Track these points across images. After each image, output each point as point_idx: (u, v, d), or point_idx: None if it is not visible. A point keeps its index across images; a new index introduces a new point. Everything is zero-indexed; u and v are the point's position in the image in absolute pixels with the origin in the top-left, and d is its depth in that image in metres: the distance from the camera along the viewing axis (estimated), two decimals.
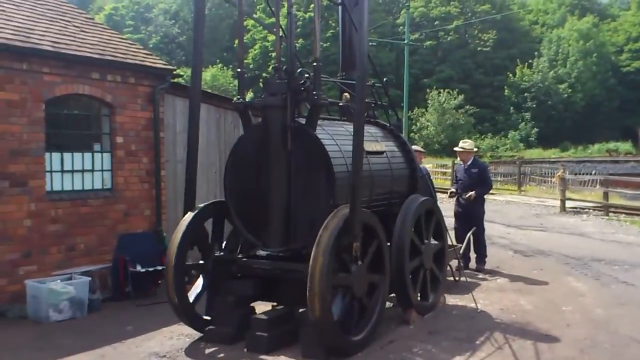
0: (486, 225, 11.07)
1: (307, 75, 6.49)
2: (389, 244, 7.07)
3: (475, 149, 11.40)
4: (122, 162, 9.50)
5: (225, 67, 57.53)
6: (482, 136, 54.31)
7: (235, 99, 6.99)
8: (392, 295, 7.38)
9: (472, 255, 10.60)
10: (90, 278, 8.26)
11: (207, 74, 57.34)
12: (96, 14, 79.13)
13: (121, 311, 8.26)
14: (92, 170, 9.23)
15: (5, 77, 7.95)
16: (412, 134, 52.04)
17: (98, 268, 8.87)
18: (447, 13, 64.16)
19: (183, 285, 6.70)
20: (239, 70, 7.04)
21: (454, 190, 10.73)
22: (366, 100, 8.13)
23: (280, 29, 6.89)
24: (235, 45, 61.30)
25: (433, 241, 8.03)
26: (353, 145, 6.25)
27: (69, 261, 8.67)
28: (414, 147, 11.20)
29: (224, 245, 7.11)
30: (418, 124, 54.05)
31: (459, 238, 10.30)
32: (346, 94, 7.92)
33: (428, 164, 36.44)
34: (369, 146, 7.21)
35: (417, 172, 8.17)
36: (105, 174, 9.39)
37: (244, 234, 6.84)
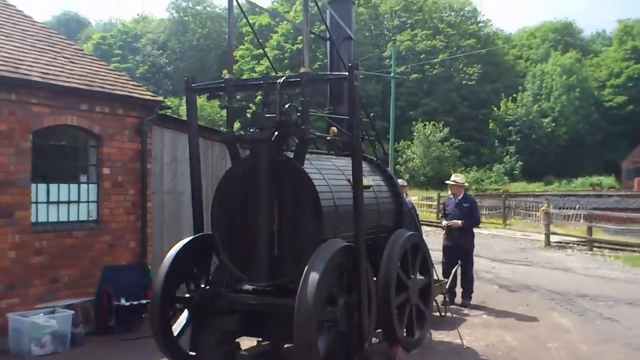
0: None
1: (296, 109, 6.53)
2: (375, 278, 7.06)
3: (467, 184, 11.50)
4: (108, 193, 9.46)
5: (211, 98, 57.65)
6: (467, 169, 54.69)
7: (224, 131, 7.01)
8: (378, 330, 7.35)
9: (458, 289, 10.60)
10: (73, 312, 8.17)
11: None
12: (84, 42, 79.49)
13: (104, 346, 8.16)
14: (78, 202, 9.18)
15: None
16: (398, 166, 52.31)
17: (81, 301, 8.78)
18: (433, 47, 65.04)
19: (168, 319, 6.63)
20: (227, 103, 7.08)
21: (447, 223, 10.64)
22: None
23: (270, 62, 6.95)
24: (222, 76, 61.46)
25: (419, 276, 8.03)
26: (353, 179, 6.37)
27: (53, 294, 8.57)
28: (398, 180, 11.31)
29: (210, 278, 7.05)
30: (404, 156, 54.37)
31: (446, 272, 10.32)
32: (333, 128, 7.97)
33: (414, 197, 36.63)
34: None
35: (403, 206, 8.21)
36: (91, 205, 9.34)
37: (230, 267, 6.79)
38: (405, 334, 7.58)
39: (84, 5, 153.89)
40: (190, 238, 7.05)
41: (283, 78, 6.51)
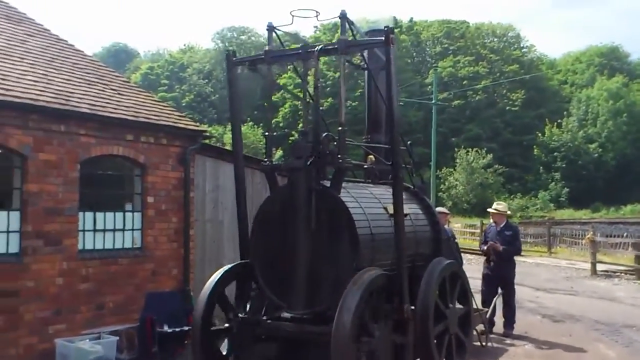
0: (515, 288, 10.97)
1: (333, 139, 6.65)
2: (412, 307, 7.06)
3: (509, 212, 11.41)
4: (152, 221, 9.71)
5: (255, 125, 58.43)
6: (512, 196, 53.83)
7: (262, 161, 7.16)
8: None
9: (499, 319, 10.47)
10: (117, 337, 8.36)
11: None
12: (133, 72, 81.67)
13: None
14: (123, 229, 9.44)
15: (44, 138, 8.29)
16: (440, 193, 51.87)
17: (126, 327, 8.98)
18: (476, 73, 64.71)
19: (209, 345, 6.74)
20: (266, 133, 7.25)
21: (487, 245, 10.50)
22: (389, 163, 8.33)
23: (308, 94, 7.09)
24: (265, 105, 62.26)
25: (458, 305, 7.99)
26: (394, 207, 6.46)
27: (98, 320, 8.82)
28: (438, 208, 11.26)
29: (248, 306, 7.16)
30: (446, 183, 53.91)
31: (486, 301, 10.21)
32: (371, 156, 8.07)
33: (456, 224, 36.28)
34: (390, 208, 7.29)
35: (440, 234, 8.20)
36: (135, 233, 9.60)
37: (268, 295, 6.89)
38: None
39: (132, 37, 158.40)
40: (230, 265, 7.19)
41: (320, 46, 6.61)
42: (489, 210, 11.23)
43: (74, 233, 8.64)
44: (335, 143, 6.64)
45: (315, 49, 6.63)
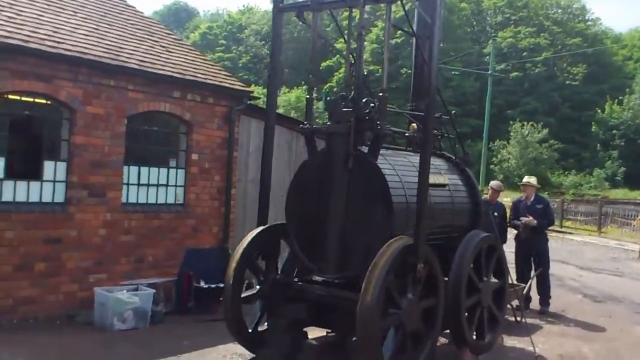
0: (559, 266, 10.84)
1: (372, 104, 6.57)
2: (446, 279, 7.02)
3: (539, 185, 11.23)
4: (195, 178, 9.86)
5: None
6: (566, 172, 52.60)
7: (302, 124, 7.14)
8: (447, 331, 7.31)
9: (534, 295, 10.33)
10: (154, 290, 8.57)
11: (292, 95, 58.33)
12: (192, 32, 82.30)
13: (182, 325, 8.51)
14: (167, 185, 9.62)
15: (93, 92, 8.46)
16: (492, 166, 51.02)
17: (164, 281, 9.21)
18: (537, 45, 62.79)
19: (240, 303, 6.85)
20: (307, 97, 7.22)
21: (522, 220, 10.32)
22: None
23: (351, 56, 6.99)
24: (320, 69, 62.17)
25: (493, 279, 7.90)
26: (419, 174, 6.30)
27: (138, 272, 9.06)
28: (492, 182, 11.09)
29: (281, 267, 7.24)
30: (499, 156, 52.93)
31: (520, 277, 10.08)
32: (414, 124, 7.97)
33: (506, 198, 35.64)
34: (431, 178, 7.19)
35: (480, 207, 8.07)
36: (178, 189, 9.76)
37: (300, 258, 6.94)
38: (475, 337, 7.49)
39: None
40: (265, 226, 7.25)
41: None
42: (520, 183, 11.00)
43: (118, 186, 8.85)
44: (374, 109, 6.56)
45: None
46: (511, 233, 10.72)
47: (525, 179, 10.87)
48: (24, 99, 8.03)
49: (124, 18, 10.19)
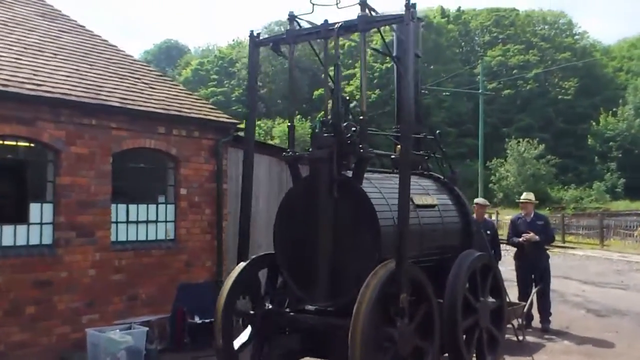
0: (561, 281, 10.73)
1: (354, 129, 6.53)
2: (441, 300, 6.90)
3: (537, 202, 11.18)
4: (185, 213, 9.78)
5: (303, 119, 58.53)
6: (565, 187, 52.54)
7: (285, 151, 7.09)
8: (445, 355, 7.16)
9: (536, 312, 10.18)
10: (147, 328, 8.43)
11: (284, 125, 58.48)
12: (184, 68, 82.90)
13: None
14: (156, 221, 9.53)
15: (76, 132, 8.42)
16: (491, 185, 51.03)
17: (158, 318, 9.06)
18: (526, 61, 63.28)
19: (230, 332, 6.73)
20: (289, 124, 7.18)
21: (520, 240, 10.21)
22: (419, 152, 8.17)
23: (329, 77, 6.95)
24: (313, 98, 62.53)
25: (490, 299, 7.78)
26: (399, 196, 6.22)
27: (131, 310, 8.92)
28: (477, 200, 11.04)
29: (272, 297, 7.12)
30: (497, 174, 52.94)
31: (522, 295, 9.95)
32: (399, 146, 7.92)
33: (507, 216, 35.46)
34: (419, 199, 7.14)
35: (471, 226, 7.98)
36: (168, 225, 9.67)
37: (291, 286, 6.84)
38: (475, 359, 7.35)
39: (183, 33, 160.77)
40: (256, 255, 7.17)
41: (340, 23, 6.48)
42: (520, 200, 10.90)
43: (106, 225, 8.76)
44: (356, 133, 6.51)
45: (336, 26, 6.48)
46: (510, 251, 10.62)
47: (524, 195, 10.81)
48: (6, 142, 7.98)
49: (105, 58, 10.20)
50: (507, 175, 52.42)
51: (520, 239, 10.10)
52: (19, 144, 8.14)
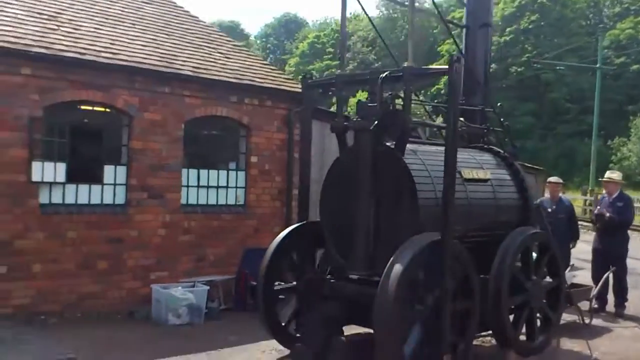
0: None
1: (397, 98, 6.47)
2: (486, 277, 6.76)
3: (624, 182, 10.48)
4: (255, 180, 10.09)
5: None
6: None
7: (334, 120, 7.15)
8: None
9: (611, 296, 9.69)
10: (208, 287, 8.83)
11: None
12: (301, 42, 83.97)
13: (235, 321, 8.72)
14: (227, 187, 9.89)
15: (149, 99, 8.88)
16: (611, 165, 48.27)
17: (223, 279, 9.45)
18: None
19: (272, 299, 6.95)
20: (339, 93, 7.22)
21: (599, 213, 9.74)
22: (477, 126, 7.95)
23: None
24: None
25: (547, 278, 7.52)
26: (445, 171, 6.13)
27: (198, 270, 9.37)
28: (550, 178, 10.57)
29: (317, 265, 7.26)
30: (619, 154, 49.88)
31: (595, 277, 9.49)
32: (461, 118, 7.77)
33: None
34: (468, 173, 6.98)
35: (529, 202, 7.69)
36: (239, 191, 10.02)
37: (333, 255, 6.94)
38: (526, 339, 7.16)
39: (302, 6, 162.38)
40: (300, 223, 7.32)
41: (386, 73, 6.47)
42: (603, 179, 10.30)
43: (177, 188, 9.21)
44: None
45: (381, 76, 6.42)
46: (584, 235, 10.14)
47: (607, 174, 10.22)
48: (83, 107, 8.55)
49: (184, 28, 10.62)
50: (629, 155, 49.27)
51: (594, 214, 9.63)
52: (95, 108, 8.68)
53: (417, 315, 5.94)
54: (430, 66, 7.69)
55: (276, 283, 7.07)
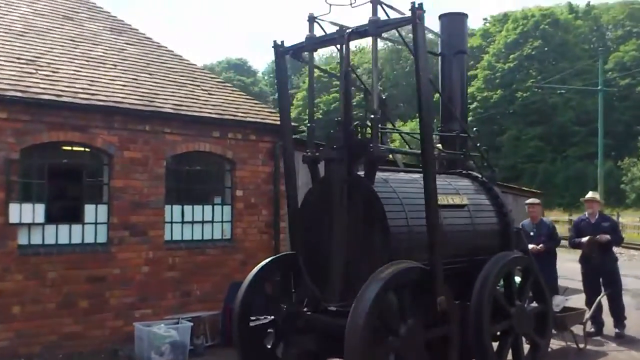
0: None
1: (366, 127, 6.43)
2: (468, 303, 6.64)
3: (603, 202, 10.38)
4: (241, 214, 10.05)
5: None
6: None
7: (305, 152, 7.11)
8: None
9: (607, 317, 9.47)
10: (192, 324, 8.72)
11: (407, 128, 58.28)
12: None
13: (220, 357, 8.59)
14: (212, 222, 9.84)
15: (128, 137, 8.90)
16: (622, 185, 48.00)
17: (210, 314, 9.35)
18: None
19: (247, 333, 6.83)
20: (308, 125, 7.20)
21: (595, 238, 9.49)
22: (453, 151, 7.89)
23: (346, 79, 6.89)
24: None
25: (532, 303, 7.37)
26: (425, 196, 6.08)
27: (184, 306, 9.27)
28: (529, 200, 10.43)
29: (293, 297, 7.16)
30: (629, 174, 49.46)
31: (590, 300, 9.29)
32: (438, 145, 7.74)
33: (637, 217, 32.95)
34: (443, 199, 6.88)
35: (510, 227, 7.58)
36: (225, 225, 9.97)
37: (309, 286, 6.84)
38: None
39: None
40: (275, 256, 7.26)
41: (350, 29, 6.45)
42: (585, 198, 10.01)
43: (160, 224, 9.17)
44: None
45: (346, 31, 6.46)
46: (575, 254, 9.95)
47: (590, 194, 10.03)
48: (62, 147, 8.58)
49: (167, 67, 10.70)
50: (639, 176, 48.85)
51: (578, 241, 9.43)
52: (75, 148, 8.71)
53: (389, 347, 5.81)
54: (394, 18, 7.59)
55: (252, 318, 6.96)
